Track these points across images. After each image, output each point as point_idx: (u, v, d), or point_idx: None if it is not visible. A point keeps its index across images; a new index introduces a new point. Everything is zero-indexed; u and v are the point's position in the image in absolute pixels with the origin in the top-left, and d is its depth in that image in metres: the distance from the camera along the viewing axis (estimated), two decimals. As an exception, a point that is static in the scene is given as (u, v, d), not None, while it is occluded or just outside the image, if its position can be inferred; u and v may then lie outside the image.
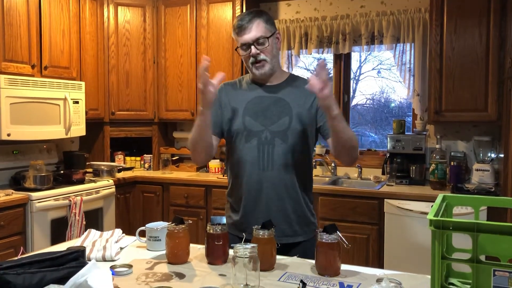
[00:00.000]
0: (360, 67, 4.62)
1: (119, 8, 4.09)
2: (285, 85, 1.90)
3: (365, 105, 4.71)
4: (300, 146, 1.83)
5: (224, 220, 1.60)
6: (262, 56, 1.82)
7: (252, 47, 1.81)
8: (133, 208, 3.96)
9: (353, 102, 4.47)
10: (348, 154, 1.76)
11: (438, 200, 1.29)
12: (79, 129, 3.62)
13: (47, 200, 3.05)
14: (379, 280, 1.33)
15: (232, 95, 1.93)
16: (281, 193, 1.82)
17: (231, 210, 1.95)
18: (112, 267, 1.49)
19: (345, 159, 1.80)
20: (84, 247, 1.52)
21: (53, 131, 3.41)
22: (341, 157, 1.79)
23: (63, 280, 1.17)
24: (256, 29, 1.81)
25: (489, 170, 3.30)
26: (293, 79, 1.94)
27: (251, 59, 1.83)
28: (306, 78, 2.00)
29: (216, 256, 1.58)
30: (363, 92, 4.65)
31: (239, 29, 1.82)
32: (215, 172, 4.02)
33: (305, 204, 1.88)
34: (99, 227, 3.47)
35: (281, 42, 1.93)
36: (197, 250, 1.71)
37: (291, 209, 1.84)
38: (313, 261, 1.52)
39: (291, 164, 1.81)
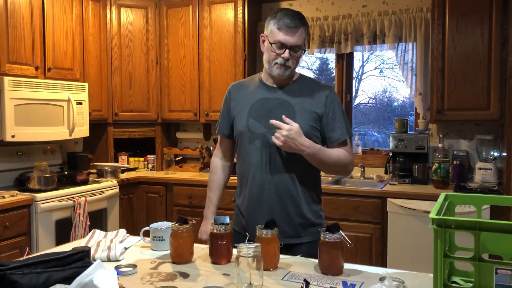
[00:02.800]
0: (362, 66, 4.64)
1: (122, 9, 4.11)
2: (292, 87, 1.90)
3: (368, 104, 4.73)
4: None
5: (227, 220, 1.61)
6: (289, 63, 1.82)
7: (287, 50, 1.79)
8: (137, 209, 3.98)
9: (356, 102, 4.48)
10: (337, 173, 1.98)
11: (441, 199, 1.29)
12: (82, 130, 3.64)
13: (51, 201, 3.07)
14: (382, 279, 1.33)
15: (239, 96, 1.95)
16: (283, 195, 1.83)
17: (238, 209, 1.97)
18: (116, 267, 1.50)
19: (337, 174, 1.96)
20: (89, 247, 1.54)
21: (57, 132, 3.42)
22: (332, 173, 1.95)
23: (68, 280, 1.18)
24: (299, 37, 1.80)
25: (492, 169, 3.30)
26: (302, 81, 1.93)
27: (279, 60, 1.80)
28: (316, 80, 2.02)
29: (219, 256, 1.59)
30: (366, 91, 4.66)
31: (287, 28, 1.77)
32: (218, 172, 4.02)
33: (308, 205, 1.87)
34: (103, 227, 3.48)
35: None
36: (201, 249, 1.72)
37: (293, 211, 1.84)
38: (317, 260, 1.53)
39: (293, 167, 1.81)
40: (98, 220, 3.44)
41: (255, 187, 1.85)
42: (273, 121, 1.73)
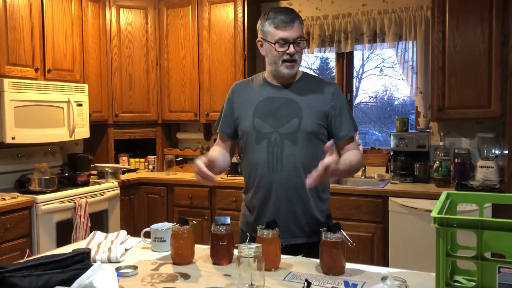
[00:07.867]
0: (362, 65, 4.63)
1: (121, 10, 4.10)
2: (297, 85, 1.89)
3: (369, 103, 4.71)
4: (310, 148, 1.81)
5: (228, 220, 1.61)
6: (296, 57, 1.82)
7: (291, 45, 1.79)
8: (137, 210, 3.97)
9: (356, 101, 4.47)
10: (356, 171, 1.98)
11: (442, 197, 1.29)
12: (83, 132, 3.63)
13: (52, 202, 3.07)
14: (384, 278, 1.33)
15: (243, 96, 1.94)
16: (290, 195, 1.81)
17: (246, 208, 1.95)
18: (117, 269, 1.49)
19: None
20: (90, 249, 1.53)
21: (57, 134, 3.42)
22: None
23: (68, 282, 1.18)
24: (297, 29, 1.80)
25: (493, 167, 3.29)
26: (306, 79, 1.92)
27: (286, 57, 1.80)
28: (320, 77, 2.02)
29: (220, 256, 1.58)
30: (366, 90, 4.65)
31: (284, 24, 1.78)
32: (219, 173, 4.02)
33: (315, 205, 1.86)
34: (104, 229, 3.48)
35: None
36: (201, 250, 1.71)
37: (301, 211, 1.82)
38: (318, 260, 1.52)
39: (300, 166, 1.80)
40: (99, 222, 3.43)
41: (263, 187, 1.83)
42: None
